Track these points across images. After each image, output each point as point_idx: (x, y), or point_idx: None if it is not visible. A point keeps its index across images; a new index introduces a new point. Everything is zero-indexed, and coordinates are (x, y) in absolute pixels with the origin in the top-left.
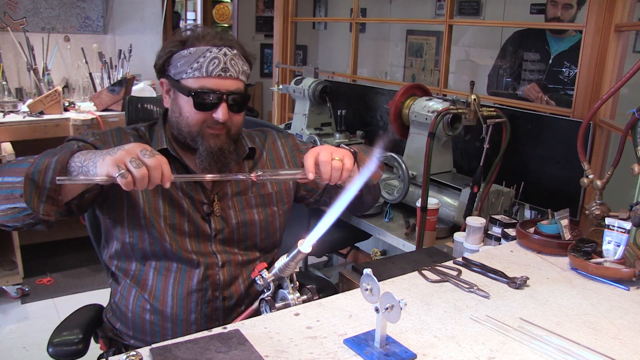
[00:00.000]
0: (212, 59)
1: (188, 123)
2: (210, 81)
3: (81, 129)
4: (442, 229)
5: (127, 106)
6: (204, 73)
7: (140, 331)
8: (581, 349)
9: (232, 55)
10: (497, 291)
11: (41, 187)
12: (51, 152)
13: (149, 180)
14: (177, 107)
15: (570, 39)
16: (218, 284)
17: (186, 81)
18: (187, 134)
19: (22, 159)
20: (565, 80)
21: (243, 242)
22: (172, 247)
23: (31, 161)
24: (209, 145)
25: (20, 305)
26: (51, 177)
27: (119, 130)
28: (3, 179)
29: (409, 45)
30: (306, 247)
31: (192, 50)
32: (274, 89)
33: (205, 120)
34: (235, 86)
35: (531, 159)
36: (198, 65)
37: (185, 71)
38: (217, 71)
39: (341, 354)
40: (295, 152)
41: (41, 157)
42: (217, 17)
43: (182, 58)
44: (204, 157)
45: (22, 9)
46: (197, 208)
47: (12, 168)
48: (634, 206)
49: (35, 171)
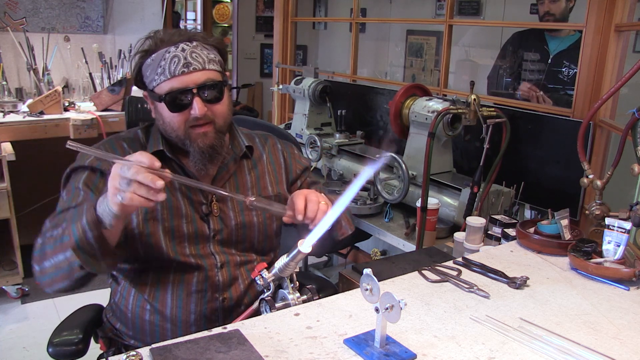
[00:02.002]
0: (171, 58)
1: (172, 128)
2: (175, 81)
3: (81, 128)
4: (442, 229)
5: (127, 106)
6: (168, 75)
7: (140, 331)
8: (581, 349)
9: (192, 48)
10: (497, 291)
11: (91, 249)
12: (75, 214)
13: (147, 186)
14: (159, 115)
15: (569, 38)
16: (217, 285)
17: (157, 88)
18: (176, 138)
19: (50, 234)
20: (565, 79)
21: (241, 244)
22: (169, 255)
23: (66, 233)
24: (199, 146)
25: (20, 305)
26: (92, 236)
27: (112, 141)
28: (56, 258)
29: (409, 45)
30: (306, 247)
31: (154, 57)
32: (274, 89)
33: (186, 120)
34: (204, 78)
35: (531, 159)
36: (161, 69)
37: (153, 79)
38: (179, 69)
39: (341, 354)
40: (292, 161)
41: (72, 225)
42: (217, 17)
43: (147, 67)
44: (197, 158)
45: (22, 9)
46: (196, 209)
47: (54, 248)
48: (634, 206)
49: (77, 240)
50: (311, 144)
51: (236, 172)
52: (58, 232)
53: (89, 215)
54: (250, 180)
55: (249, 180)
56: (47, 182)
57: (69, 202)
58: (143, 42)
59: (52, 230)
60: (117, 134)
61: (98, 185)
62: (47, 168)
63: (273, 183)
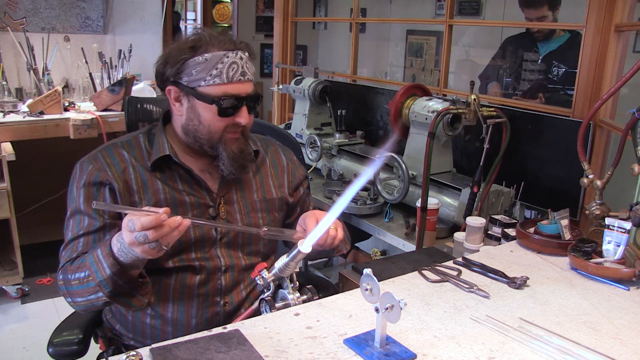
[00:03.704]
0: (230, 64)
1: (210, 130)
2: (231, 87)
3: (81, 128)
4: (442, 229)
5: (127, 106)
6: (225, 79)
7: (141, 334)
8: (581, 349)
9: (247, 58)
10: (497, 291)
11: (126, 290)
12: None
13: (164, 232)
14: (195, 115)
15: (558, 39)
16: (219, 289)
17: (205, 89)
18: (207, 141)
19: (73, 276)
20: (555, 79)
21: (247, 247)
22: (173, 259)
23: (91, 279)
24: (232, 150)
25: (20, 305)
26: (123, 282)
27: (109, 149)
28: (88, 297)
29: (409, 45)
30: (306, 247)
31: (208, 57)
32: (274, 89)
33: (227, 125)
34: (251, 88)
35: (531, 159)
36: (217, 71)
37: (203, 78)
38: (237, 76)
39: (341, 354)
40: (294, 166)
41: (97, 275)
42: (217, 17)
43: (197, 65)
44: (227, 161)
45: (22, 9)
46: (203, 212)
47: (82, 290)
48: (634, 206)
49: (111, 290)
50: (311, 144)
51: (242, 175)
52: (81, 275)
53: (111, 264)
54: (255, 183)
55: (254, 183)
56: (47, 182)
57: (77, 228)
58: (188, 38)
59: (76, 272)
60: (114, 140)
61: (98, 199)
62: (47, 168)
63: (276, 186)
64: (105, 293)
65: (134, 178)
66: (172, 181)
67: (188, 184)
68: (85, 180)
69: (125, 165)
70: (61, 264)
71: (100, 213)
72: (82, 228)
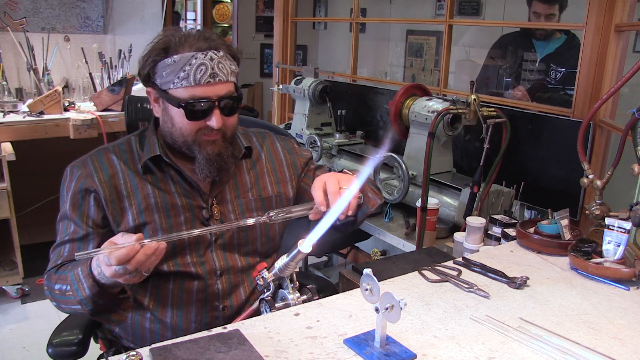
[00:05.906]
0: (198, 65)
1: (182, 133)
2: (199, 89)
3: (81, 128)
4: (442, 229)
5: (127, 106)
6: (192, 82)
7: (140, 338)
8: (581, 349)
9: (219, 58)
10: (497, 291)
11: (106, 308)
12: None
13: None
14: (169, 117)
15: (556, 41)
16: (217, 294)
17: (174, 91)
18: (182, 143)
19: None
20: (552, 82)
21: (243, 247)
22: (169, 264)
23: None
24: (207, 153)
25: (20, 305)
26: (103, 302)
27: (100, 153)
28: (73, 307)
29: (409, 45)
30: (306, 247)
31: (177, 58)
32: (274, 89)
33: (199, 128)
34: (225, 90)
35: (531, 159)
36: (185, 74)
37: (172, 81)
38: (205, 78)
39: (341, 354)
40: (294, 156)
41: (77, 293)
42: (217, 17)
43: (166, 67)
44: (203, 165)
45: (22, 9)
46: (196, 214)
47: (66, 301)
48: (634, 206)
49: (92, 308)
50: (311, 144)
51: (235, 173)
52: (63, 288)
53: (90, 285)
54: (250, 180)
55: (248, 181)
56: (47, 182)
57: (64, 233)
58: (161, 38)
59: (57, 283)
60: (107, 144)
61: (83, 209)
62: (47, 168)
63: (273, 183)
64: (86, 311)
65: (123, 183)
66: (163, 183)
67: (180, 185)
68: (73, 187)
69: (114, 171)
70: (47, 268)
71: (85, 220)
72: (68, 234)
